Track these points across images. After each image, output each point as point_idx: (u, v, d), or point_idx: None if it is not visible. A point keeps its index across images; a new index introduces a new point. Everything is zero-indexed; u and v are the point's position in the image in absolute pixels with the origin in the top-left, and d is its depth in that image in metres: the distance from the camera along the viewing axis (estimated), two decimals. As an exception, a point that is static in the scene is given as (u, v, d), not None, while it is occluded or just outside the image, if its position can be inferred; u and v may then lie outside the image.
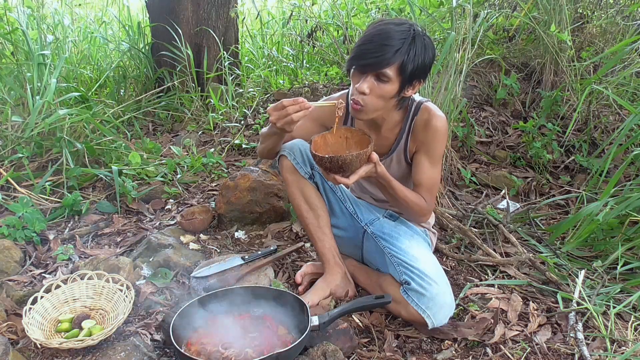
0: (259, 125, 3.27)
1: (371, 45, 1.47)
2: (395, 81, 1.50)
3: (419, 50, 1.48)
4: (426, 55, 1.50)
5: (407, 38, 1.46)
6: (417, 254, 1.70)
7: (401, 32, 1.47)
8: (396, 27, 1.48)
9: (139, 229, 2.32)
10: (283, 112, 1.50)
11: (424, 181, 1.71)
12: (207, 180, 2.81)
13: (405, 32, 1.47)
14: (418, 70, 1.50)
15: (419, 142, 1.70)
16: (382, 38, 1.46)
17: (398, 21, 1.52)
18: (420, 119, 1.68)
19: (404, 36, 1.46)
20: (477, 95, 3.36)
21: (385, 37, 1.46)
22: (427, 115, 1.67)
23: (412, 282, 1.64)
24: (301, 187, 1.82)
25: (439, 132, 1.66)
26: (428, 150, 1.69)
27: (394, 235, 1.77)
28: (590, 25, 3.36)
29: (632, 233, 2.14)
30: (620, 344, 1.61)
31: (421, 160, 1.70)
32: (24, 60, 2.95)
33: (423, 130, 1.68)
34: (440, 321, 1.63)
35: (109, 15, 4.71)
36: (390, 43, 1.45)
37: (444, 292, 1.63)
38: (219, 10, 3.77)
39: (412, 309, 1.63)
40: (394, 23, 1.50)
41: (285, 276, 2.01)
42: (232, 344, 1.51)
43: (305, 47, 4.09)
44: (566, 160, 3.01)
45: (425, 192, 1.72)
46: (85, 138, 2.80)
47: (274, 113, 1.53)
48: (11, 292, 1.78)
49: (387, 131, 1.74)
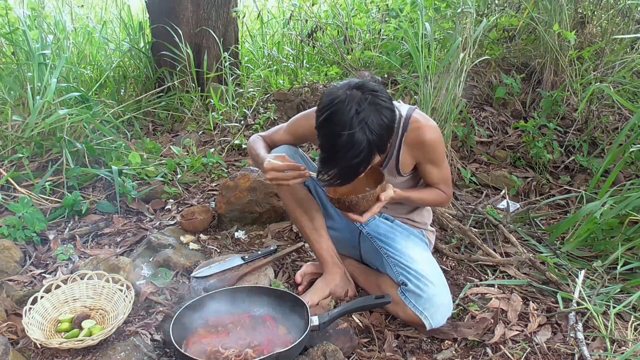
0: (259, 125, 3.27)
1: (344, 168, 1.41)
2: (379, 155, 1.46)
3: (378, 128, 1.37)
4: (385, 119, 1.39)
5: (364, 133, 1.35)
6: (413, 255, 1.70)
7: (358, 133, 1.34)
8: (351, 134, 1.34)
9: (139, 229, 2.32)
10: (281, 176, 1.54)
11: (437, 181, 1.74)
12: (207, 180, 2.81)
13: (360, 129, 1.34)
14: (388, 130, 1.43)
15: (418, 159, 1.69)
16: (348, 156, 1.37)
17: (344, 115, 1.35)
18: (410, 135, 1.64)
19: (361, 134, 1.35)
20: (477, 95, 3.36)
21: (350, 154, 1.37)
22: (417, 131, 1.62)
23: (409, 283, 1.64)
24: (292, 192, 1.82)
25: (433, 144, 1.64)
26: (430, 160, 1.69)
27: (390, 236, 1.77)
28: (591, 25, 3.36)
29: (632, 233, 2.14)
30: (620, 344, 1.61)
31: (427, 169, 1.71)
32: (24, 60, 2.95)
33: (418, 149, 1.65)
34: (437, 322, 1.63)
35: (109, 15, 4.71)
36: (360, 155, 1.37)
37: (441, 292, 1.63)
38: (219, 10, 3.77)
39: (409, 310, 1.64)
40: (343, 125, 1.35)
41: (285, 276, 2.01)
42: (232, 344, 1.52)
43: (305, 47, 4.09)
44: (566, 160, 3.01)
45: (443, 186, 1.76)
46: (85, 138, 2.80)
47: (271, 172, 1.55)
48: (11, 292, 1.78)
49: None
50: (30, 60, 2.86)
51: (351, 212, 1.55)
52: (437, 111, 2.62)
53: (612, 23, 3.38)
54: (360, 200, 1.49)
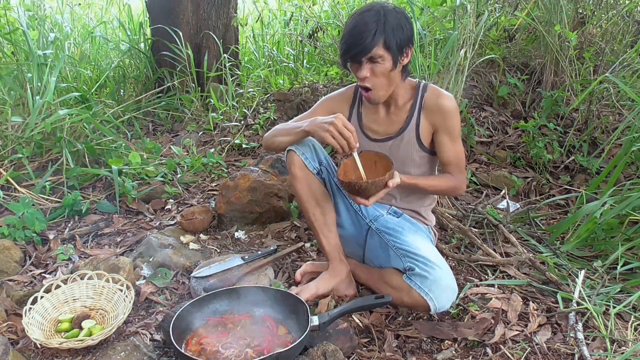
0: (259, 125, 3.27)
1: (352, 38, 1.61)
2: (387, 57, 1.61)
3: (394, 23, 1.60)
4: (403, 25, 1.62)
5: (379, 19, 1.59)
6: (420, 245, 1.73)
7: (372, 15, 1.60)
8: (367, 14, 1.61)
9: (139, 229, 2.32)
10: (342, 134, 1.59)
11: (451, 158, 1.78)
12: (207, 180, 2.81)
13: (376, 14, 1.60)
14: (401, 40, 1.61)
15: (436, 125, 1.76)
16: (358, 29, 1.59)
17: (368, 7, 1.65)
18: (429, 97, 1.76)
19: (376, 18, 1.60)
20: (477, 95, 3.36)
21: (361, 27, 1.59)
22: (436, 94, 1.75)
23: (417, 268, 1.66)
24: (309, 183, 1.82)
25: (451, 111, 1.74)
26: (446, 130, 1.76)
27: (398, 230, 1.80)
28: (591, 25, 3.36)
29: (632, 233, 2.14)
30: (620, 344, 1.61)
31: (443, 140, 1.77)
32: (24, 60, 2.96)
33: (436, 113, 1.75)
34: (442, 305, 1.64)
35: (109, 15, 4.72)
36: (367, 29, 1.58)
37: (447, 275, 1.66)
38: (219, 10, 3.77)
39: (415, 293, 1.65)
40: (365, 11, 1.63)
41: (285, 276, 2.00)
42: (232, 344, 1.51)
43: (305, 47, 4.09)
44: (566, 160, 3.01)
45: (454, 168, 1.79)
46: (85, 138, 2.80)
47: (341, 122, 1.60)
48: (11, 292, 1.78)
49: (398, 110, 1.80)
50: (30, 60, 2.86)
51: (359, 197, 1.63)
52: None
53: (612, 23, 3.38)
54: (369, 185, 1.58)
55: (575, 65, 3.13)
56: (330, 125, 1.59)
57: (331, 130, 1.59)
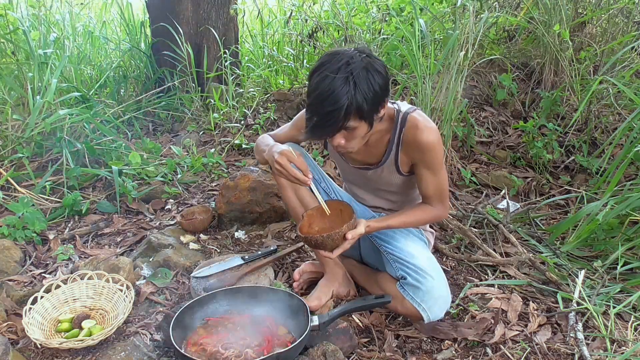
0: (259, 125, 3.27)
1: (319, 116, 1.41)
2: (362, 124, 1.45)
3: (365, 88, 1.39)
4: (374, 82, 1.41)
5: (348, 88, 1.37)
6: (412, 251, 1.71)
7: (341, 83, 1.37)
8: (335, 82, 1.37)
9: (139, 229, 2.32)
10: (288, 168, 1.53)
11: (431, 192, 1.68)
12: (207, 180, 2.81)
13: (344, 77, 1.37)
14: (375, 102, 1.43)
15: (415, 160, 1.66)
16: (326, 103, 1.38)
17: (334, 67, 1.39)
18: (408, 132, 1.61)
19: (344, 83, 1.37)
20: (477, 95, 3.36)
21: (329, 100, 1.37)
22: (414, 129, 1.59)
23: (409, 277, 1.65)
24: (295, 189, 1.81)
25: (431, 145, 1.60)
26: (426, 164, 1.65)
27: (390, 234, 1.78)
28: (590, 25, 3.36)
29: (632, 233, 2.14)
30: (620, 344, 1.61)
31: (422, 174, 1.67)
32: (24, 60, 2.95)
33: (415, 149, 1.62)
34: (435, 315, 1.64)
35: (110, 15, 4.71)
36: (336, 104, 1.37)
37: (440, 285, 1.64)
38: (219, 10, 3.77)
39: (408, 303, 1.64)
40: (332, 71, 1.39)
41: (285, 276, 2.01)
42: (232, 344, 1.52)
43: (305, 47, 4.09)
44: (566, 160, 3.01)
45: (434, 199, 1.69)
46: (85, 138, 2.80)
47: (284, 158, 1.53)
48: (11, 292, 1.78)
49: (376, 141, 1.68)
50: (30, 60, 2.86)
51: (321, 250, 1.58)
52: (436, 111, 2.62)
53: (612, 23, 3.37)
54: (325, 239, 1.52)
55: (574, 65, 3.13)
56: (276, 164, 1.54)
57: (278, 169, 1.54)
